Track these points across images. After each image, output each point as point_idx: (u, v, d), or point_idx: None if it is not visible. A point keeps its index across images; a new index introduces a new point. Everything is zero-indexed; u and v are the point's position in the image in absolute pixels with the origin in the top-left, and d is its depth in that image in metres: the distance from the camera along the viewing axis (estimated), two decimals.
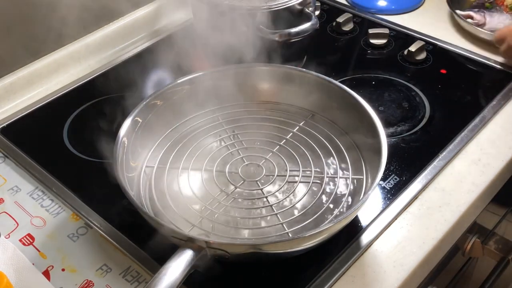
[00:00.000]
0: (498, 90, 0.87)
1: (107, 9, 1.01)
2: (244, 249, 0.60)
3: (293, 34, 0.85)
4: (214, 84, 0.79)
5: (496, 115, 0.84)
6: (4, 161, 0.80)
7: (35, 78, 0.94)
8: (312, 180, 0.71)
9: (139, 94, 0.91)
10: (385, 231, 0.69)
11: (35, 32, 0.92)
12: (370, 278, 0.64)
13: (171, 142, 0.76)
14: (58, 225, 0.71)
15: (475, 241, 0.82)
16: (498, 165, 0.77)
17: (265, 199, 0.69)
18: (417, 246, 0.67)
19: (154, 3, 1.07)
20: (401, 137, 0.81)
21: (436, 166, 0.76)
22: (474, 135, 0.80)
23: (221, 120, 0.79)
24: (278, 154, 0.74)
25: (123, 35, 1.03)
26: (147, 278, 0.64)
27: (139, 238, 0.67)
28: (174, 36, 1.03)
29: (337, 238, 0.64)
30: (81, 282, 0.64)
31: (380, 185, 0.73)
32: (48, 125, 0.87)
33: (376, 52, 0.98)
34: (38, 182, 0.77)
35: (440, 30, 1.02)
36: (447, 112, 0.85)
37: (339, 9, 1.07)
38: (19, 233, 0.70)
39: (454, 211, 0.71)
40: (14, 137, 0.84)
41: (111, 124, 0.73)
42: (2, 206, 0.74)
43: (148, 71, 0.96)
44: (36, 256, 0.67)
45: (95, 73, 0.96)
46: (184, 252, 0.57)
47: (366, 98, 0.72)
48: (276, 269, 0.65)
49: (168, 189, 0.70)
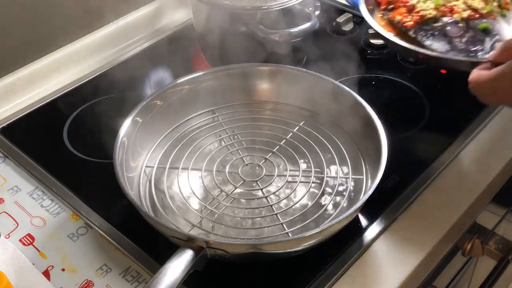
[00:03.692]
0: None
1: (107, 9, 1.01)
2: (244, 249, 0.60)
3: (293, 34, 0.86)
4: (214, 84, 0.79)
5: (496, 115, 0.84)
6: (4, 161, 0.80)
7: (35, 78, 0.94)
8: (312, 180, 0.71)
9: (139, 94, 0.91)
10: (385, 231, 0.69)
11: (35, 32, 0.92)
12: (370, 278, 0.64)
13: (171, 142, 0.76)
14: (58, 225, 0.71)
15: (475, 241, 0.82)
16: (498, 165, 0.77)
17: (265, 199, 0.69)
18: (417, 246, 0.67)
19: (154, 3, 1.07)
20: (401, 137, 0.81)
21: (436, 166, 0.76)
22: (474, 135, 0.80)
23: (221, 120, 0.79)
24: (278, 154, 0.74)
25: (123, 35, 1.03)
26: (147, 278, 0.64)
27: (139, 238, 0.67)
28: (174, 36, 1.03)
29: (337, 238, 0.64)
30: (81, 282, 0.64)
31: (380, 185, 0.73)
32: (48, 125, 0.87)
33: (376, 52, 0.98)
34: (38, 182, 0.77)
35: None
36: (447, 112, 0.85)
37: (339, 9, 1.07)
38: (19, 233, 0.70)
39: (454, 211, 0.71)
40: (14, 137, 0.83)
41: (111, 124, 0.73)
42: (2, 206, 0.74)
43: (148, 71, 0.96)
44: (36, 256, 0.67)
45: (95, 73, 0.96)
46: (184, 252, 0.57)
47: (366, 98, 0.72)
48: (276, 269, 0.65)
49: (168, 189, 0.70)
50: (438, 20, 0.79)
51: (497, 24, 0.78)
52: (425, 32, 0.79)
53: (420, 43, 0.78)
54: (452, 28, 0.78)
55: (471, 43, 0.77)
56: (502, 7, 0.80)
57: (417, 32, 0.79)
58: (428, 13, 0.80)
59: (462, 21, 0.78)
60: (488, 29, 0.77)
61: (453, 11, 0.79)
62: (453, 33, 0.78)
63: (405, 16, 0.81)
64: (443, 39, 0.78)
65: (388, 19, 0.84)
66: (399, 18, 0.81)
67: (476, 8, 0.79)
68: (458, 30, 0.78)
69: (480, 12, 0.79)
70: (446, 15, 0.79)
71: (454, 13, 0.79)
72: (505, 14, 0.80)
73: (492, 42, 0.76)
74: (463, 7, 0.79)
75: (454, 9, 0.79)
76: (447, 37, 0.78)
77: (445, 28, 0.78)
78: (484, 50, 0.75)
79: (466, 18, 0.78)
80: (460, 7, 0.79)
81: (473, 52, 0.76)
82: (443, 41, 0.77)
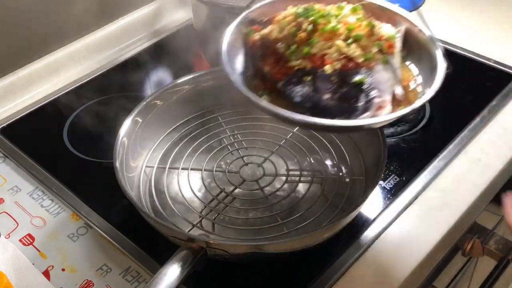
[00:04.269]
0: (498, 90, 0.87)
1: (107, 9, 1.01)
2: (244, 249, 0.60)
3: None
4: (214, 84, 0.79)
5: (496, 115, 0.84)
6: (4, 161, 0.80)
7: (35, 78, 0.94)
8: (312, 180, 0.71)
9: (139, 94, 0.91)
10: (385, 231, 0.69)
11: (35, 32, 0.92)
12: (370, 278, 0.64)
13: (171, 142, 0.76)
14: (58, 225, 0.71)
15: (475, 241, 0.82)
16: (498, 165, 0.77)
17: (265, 199, 0.69)
18: (417, 246, 0.67)
19: (154, 3, 1.07)
20: (401, 137, 0.81)
21: (436, 166, 0.76)
22: (474, 135, 0.80)
23: (221, 120, 0.79)
24: (278, 154, 0.74)
25: (123, 35, 1.03)
26: (147, 278, 0.64)
27: (139, 238, 0.67)
28: (174, 36, 1.03)
29: (337, 238, 0.64)
30: (81, 282, 0.64)
31: (380, 185, 0.73)
32: (48, 125, 0.87)
33: None
34: (38, 182, 0.77)
35: (440, 30, 1.01)
36: (447, 112, 0.85)
37: None
38: (19, 233, 0.70)
39: (454, 211, 0.71)
40: (14, 137, 0.84)
41: (111, 124, 0.73)
42: (2, 206, 0.74)
43: (148, 71, 0.96)
44: (36, 256, 0.67)
45: (95, 73, 0.96)
46: (184, 252, 0.57)
47: None
48: (276, 269, 0.65)
49: (168, 189, 0.70)
50: (308, 72, 0.62)
51: (376, 74, 0.62)
52: (294, 87, 0.63)
53: (291, 100, 0.63)
54: (322, 83, 0.62)
55: (343, 101, 0.61)
56: (384, 52, 0.65)
57: (286, 87, 0.63)
58: (297, 64, 0.63)
59: (334, 72, 0.62)
60: (363, 82, 0.61)
61: (324, 62, 0.63)
62: (323, 89, 0.62)
63: (274, 67, 0.65)
64: (312, 95, 0.62)
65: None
66: (267, 69, 0.65)
67: (351, 56, 0.63)
68: (330, 85, 0.61)
69: (356, 61, 0.62)
70: (317, 66, 0.63)
71: (326, 64, 0.62)
72: (387, 61, 0.65)
73: (366, 100, 0.61)
74: (336, 55, 0.62)
75: (326, 59, 0.62)
76: (317, 93, 0.62)
77: (314, 83, 0.62)
78: (357, 111, 0.61)
79: (339, 69, 0.62)
80: (332, 56, 0.62)
81: (346, 113, 0.61)
82: (312, 99, 0.62)
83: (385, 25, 0.68)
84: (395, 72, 0.65)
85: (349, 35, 0.63)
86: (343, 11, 0.66)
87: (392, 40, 0.66)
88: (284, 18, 0.67)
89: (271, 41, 0.66)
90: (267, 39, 0.67)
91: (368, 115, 0.60)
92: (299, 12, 0.65)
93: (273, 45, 0.65)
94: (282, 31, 0.66)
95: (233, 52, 0.67)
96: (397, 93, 0.65)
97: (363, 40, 0.63)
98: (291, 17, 0.66)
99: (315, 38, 0.63)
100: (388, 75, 0.64)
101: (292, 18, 0.66)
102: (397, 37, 0.67)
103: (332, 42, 0.63)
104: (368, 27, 0.65)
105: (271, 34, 0.66)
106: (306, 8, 0.66)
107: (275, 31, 0.66)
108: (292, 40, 0.64)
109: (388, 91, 0.60)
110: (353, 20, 0.65)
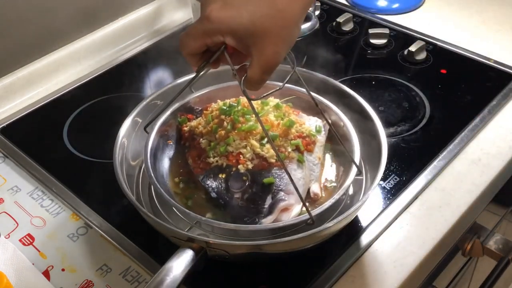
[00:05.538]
0: (498, 90, 0.87)
1: (107, 9, 1.01)
2: (244, 249, 0.59)
3: None
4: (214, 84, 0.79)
5: (496, 115, 0.84)
6: (4, 161, 0.80)
7: (35, 78, 0.94)
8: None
9: (139, 94, 0.91)
10: (385, 231, 0.69)
11: (35, 32, 0.92)
12: (370, 278, 0.64)
13: None
14: (58, 225, 0.71)
15: (475, 241, 0.82)
16: (498, 165, 0.77)
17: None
18: (417, 246, 0.67)
19: (154, 3, 1.07)
20: (401, 137, 0.81)
21: (436, 166, 0.76)
22: (474, 135, 0.80)
23: None
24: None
25: (123, 35, 1.03)
26: (147, 278, 0.64)
27: (139, 238, 0.67)
28: (174, 36, 1.03)
29: (337, 238, 0.64)
30: (81, 282, 0.64)
31: (380, 185, 0.73)
32: (48, 125, 0.87)
33: (376, 52, 0.98)
34: (38, 182, 0.77)
35: (440, 30, 1.02)
36: (447, 112, 0.85)
37: (339, 9, 1.07)
38: (19, 233, 0.70)
39: (454, 211, 0.71)
40: (14, 137, 0.84)
41: (111, 124, 0.73)
42: (2, 206, 0.74)
43: (148, 71, 0.96)
44: (36, 256, 0.67)
45: (95, 73, 0.96)
46: (184, 252, 0.57)
47: (366, 98, 0.72)
48: (276, 269, 0.65)
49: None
50: (224, 170, 0.64)
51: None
52: (212, 183, 0.64)
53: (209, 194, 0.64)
54: (234, 182, 0.63)
55: (251, 202, 0.62)
56: (302, 151, 0.65)
57: (205, 182, 0.65)
58: (214, 161, 0.65)
59: (247, 172, 0.63)
60: (272, 183, 0.62)
61: (239, 160, 0.63)
62: (235, 187, 0.63)
63: (195, 161, 0.66)
64: (225, 193, 0.63)
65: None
66: (190, 161, 0.67)
67: (264, 156, 0.63)
68: (241, 184, 0.62)
69: (268, 161, 0.63)
70: (232, 164, 0.64)
71: (241, 163, 0.63)
72: (303, 160, 0.65)
73: (270, 203, 0.61)
74: (250, 155, 0.63)
75: (241, 158, 0.63)
76: (229, 192, 0.63)
77: (227, 181, 0.63)
78: (261, 213, 0.61)
79: (252, 168, 0.63)
80: (246, 155, 0.63)
81: (252, 214, 0.61)
82: (224, 196, 0.63)
83: (310, 120, 0.69)
84: (313, 169, 0.66)
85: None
86: (266, 108, 0.68)
87: (313, 137, 0.67)
88: (211, 112, 0.69)
89: (197, 134, 0.68)
90: (193, 131, 0.69)
91: (271, 219, 0.60)
92: (223, 109, 0.68)
93: (198, 139, 0.67)
94: (207, 125, 0.68)
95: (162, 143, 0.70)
96: (313, 190, 0.66)
97: (277, 140, 0.65)
98: (216, 113, 0.68)
99: (232, 137, 0.64)
100: (302, 173, 0.64)
101: (216, 114, 0.68)
102: (322, 133, 0.69)
103: (247, 141, 0.64)
104: (285, 126, 0.66)
105: (198, 127, 0.69)
106: (231, 105, 0.68)
107: (201, 125, 0.69)
108: (213, 137, 0.66)
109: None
110: (272, 118, 0.66)
